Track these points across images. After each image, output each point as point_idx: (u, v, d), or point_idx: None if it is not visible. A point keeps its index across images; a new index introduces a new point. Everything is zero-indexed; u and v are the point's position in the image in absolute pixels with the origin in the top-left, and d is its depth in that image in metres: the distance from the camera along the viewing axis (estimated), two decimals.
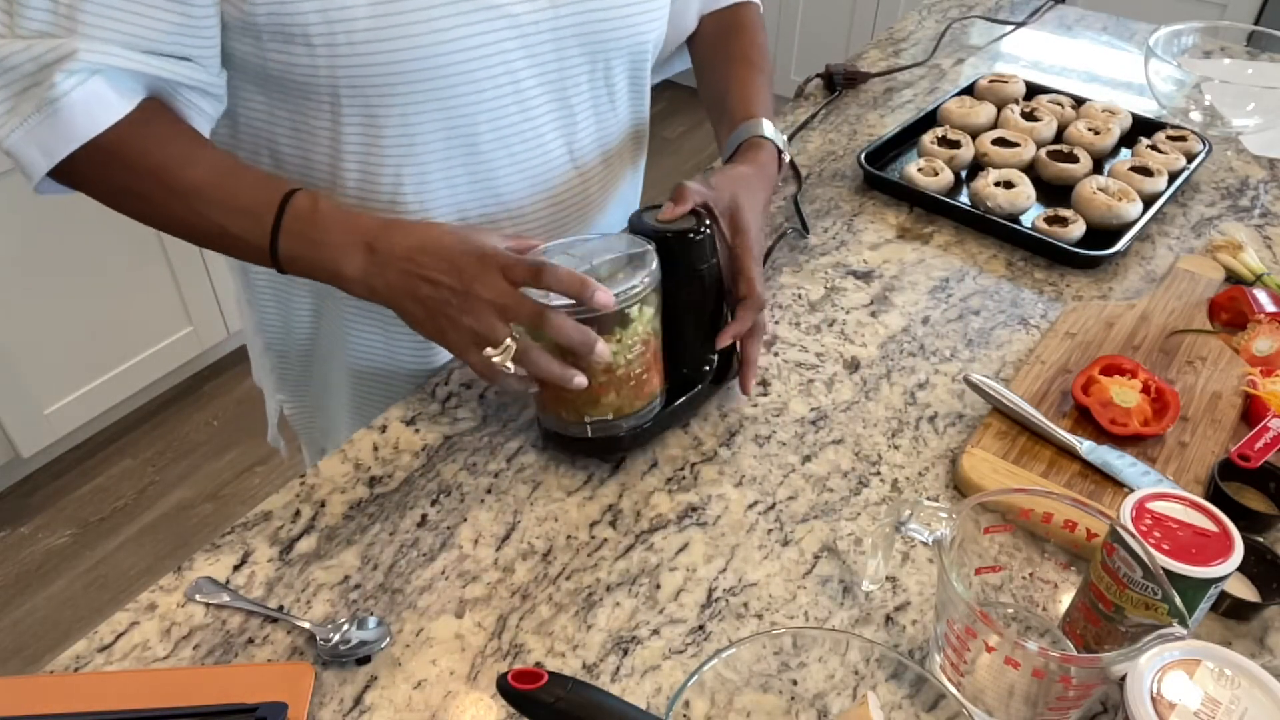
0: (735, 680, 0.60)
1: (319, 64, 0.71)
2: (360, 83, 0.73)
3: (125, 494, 2.14)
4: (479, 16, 0.74)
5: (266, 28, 0.70)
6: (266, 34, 0.70)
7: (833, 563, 0.74)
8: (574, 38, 0.82)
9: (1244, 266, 1.02)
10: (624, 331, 0.73)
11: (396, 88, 0.74)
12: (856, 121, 1.33)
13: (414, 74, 0.74)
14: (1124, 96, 1.40)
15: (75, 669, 0.66)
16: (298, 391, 1.06)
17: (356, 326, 0.93)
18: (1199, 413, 0.85)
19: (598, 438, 0.78)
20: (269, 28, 0.69)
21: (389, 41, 0.71)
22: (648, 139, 1.01)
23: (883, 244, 1.09)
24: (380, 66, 0.72)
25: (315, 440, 1.11)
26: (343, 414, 1.02)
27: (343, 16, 0.69)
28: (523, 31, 0.78)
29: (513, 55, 0.78)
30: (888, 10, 3.03)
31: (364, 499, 0.78)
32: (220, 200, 0.73)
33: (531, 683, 0.55)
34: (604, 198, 0.96)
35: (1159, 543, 0.61)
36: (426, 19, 0.71)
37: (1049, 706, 0.59)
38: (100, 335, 2.07)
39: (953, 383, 0.90)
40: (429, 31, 0.72)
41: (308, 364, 1.01)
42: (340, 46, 0.70)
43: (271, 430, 1.13)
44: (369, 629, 0.67)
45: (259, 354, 1.06)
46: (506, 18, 0.76)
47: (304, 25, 0.69)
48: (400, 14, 0.70)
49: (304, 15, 0.68)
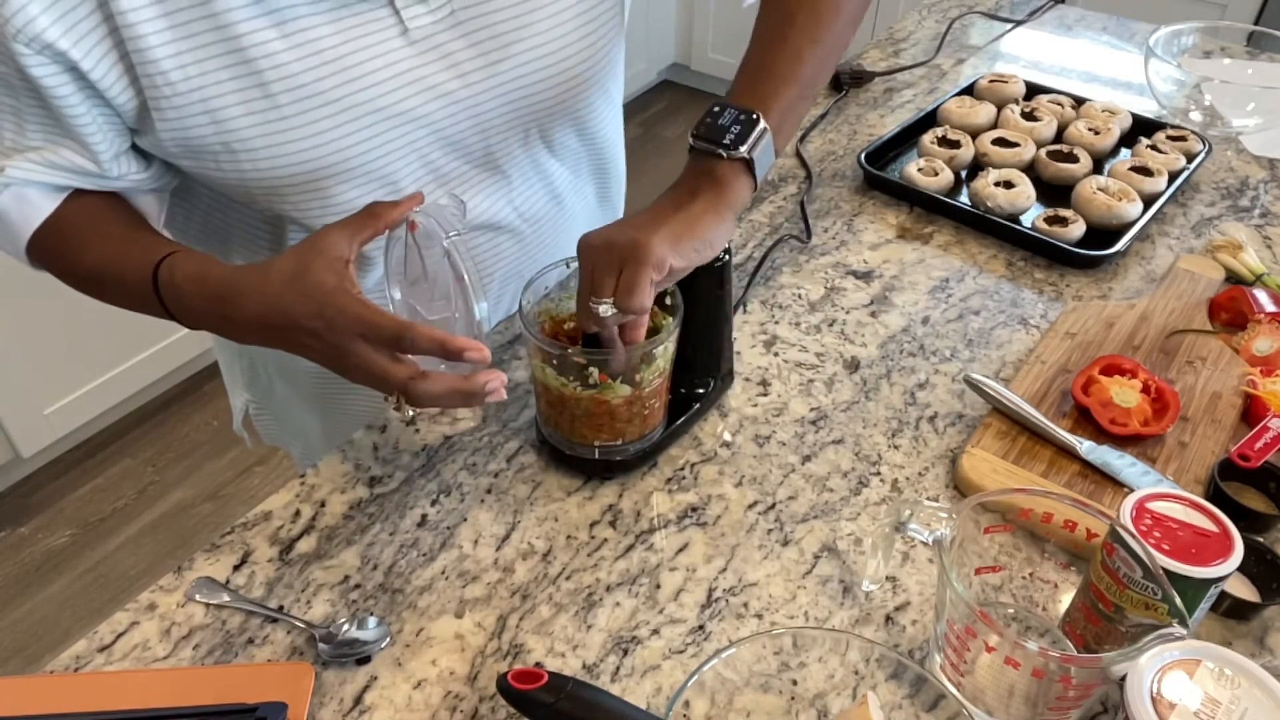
0: (735, 680, 0.60)
1: (228, 174, 0.72)
2: (269, 187, 0.73)
3: (125, 494, 2.14)
4: (377, 121, 0.72)
5: (178, 154, 0.71)
6: (180, 154, 0.71)
7: (833, 563, 0.74)
8: (501, 119, 0.79)
9: (1244, 266, 1.02)
10: (647, 369, 0.73)
11: (305, 190, 0.73)
12: (856, 121, 1.33)
13: (318, 178, 0.73)
14: (1124, 96, 1.40)
15: (75, 669, 0.66)
16: (266, 398, 1.07)
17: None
18: (1199, 413, 0.85)
19: (603, 459, 0.79)
20: (179, 153, 0.70)
21: (283, 154, 0.70)
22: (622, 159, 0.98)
23: (883, 244, 1.09)
24: (282, 174, 0.72)
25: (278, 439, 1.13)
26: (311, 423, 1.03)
27: (235, 136, 0.69)
28: (436, 128, 0.75)
29: (428, 150, 0.76)
30: (888, 10, 3.03)
31: (364, 499, 0.78)
32: (112, 279, 0.74)
33: (531, 683, 0.55)
34: (567, 228, 0.94)
35: (1159, 543, 0.61)
36: (317, 133, 0.70)
37: (1049, 706, 0.59)
38: (100, 335, 2.07)
39: (953, 383, 0.90)
40: (324, 143, 0.71)
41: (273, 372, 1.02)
42: (242, 160, 0.70)
43: (237, 421, 1.14)
44: (369, 629, 0.67)
45: (232, 357, 1.07)
46: (413, 120, 0.74)
47: (205, 144, 0.69)
48: (286, 130, 0.69)
49: (203, 138, 0.69)
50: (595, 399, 0.73)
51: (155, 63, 0.64)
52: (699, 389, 0.84)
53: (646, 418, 0.77)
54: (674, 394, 0.81)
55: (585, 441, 0.77)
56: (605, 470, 0.79)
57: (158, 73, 0.65)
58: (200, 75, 0.66)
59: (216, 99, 0.67)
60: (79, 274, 0.76)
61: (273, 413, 1.09)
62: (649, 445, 0.79)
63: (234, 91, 0.67)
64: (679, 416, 0.82)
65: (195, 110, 0.67)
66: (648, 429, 0.78)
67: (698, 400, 0.84)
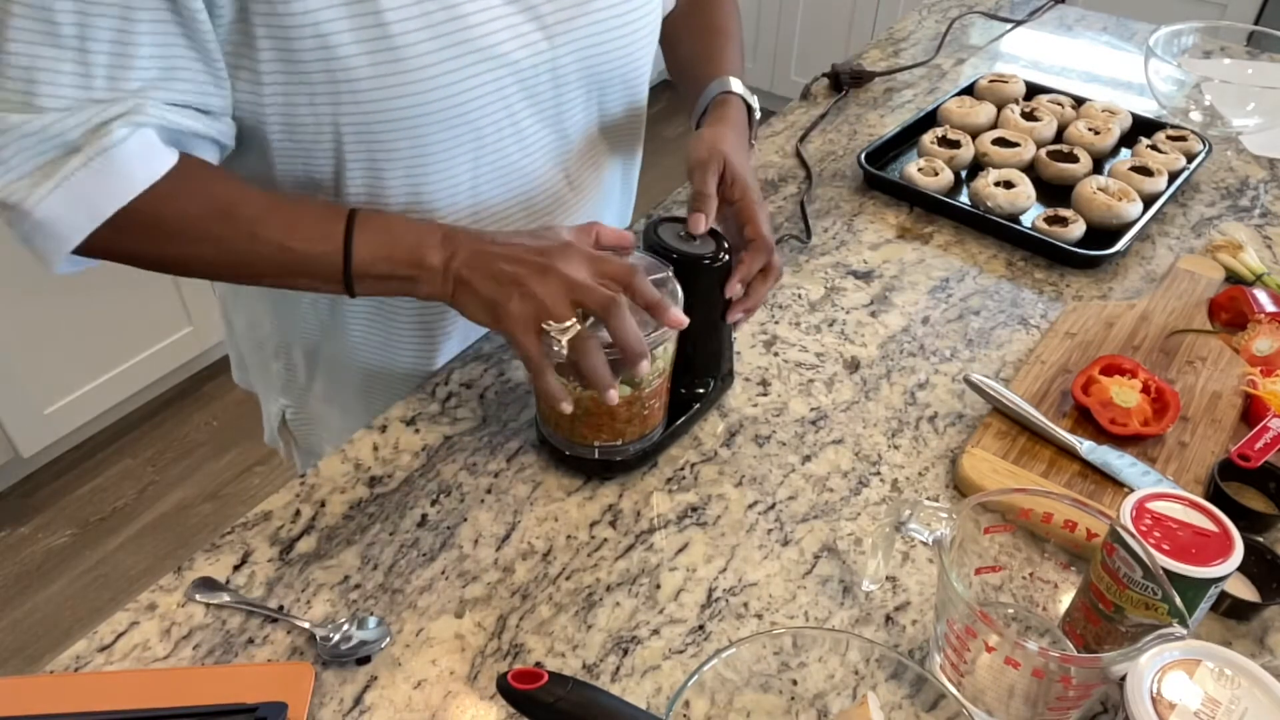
0: (735, 680, 0.60)
1: (320, 110, 0.72)
2: (361, 128, 0.73)
3: (125, 494, 2.14)
4: (476, 62, 0.74)
5: (274, 83, 0.70)
6: (276, 83, 0.70)
7: (833, 563, 0.74)
8: (573, 74, 0.83)
9: (1244, 266, 1.02)
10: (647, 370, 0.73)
11: (398, 133, 0.74)
12: (856, 121, 1.33)
13: (415, 120, 0.74)
14: (1124, 96, 1.40)
15: (75, 669, 0.66)
16: (303, 398, 1.06)
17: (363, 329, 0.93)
18: (1199, 413, 0.85)
19: (602, 459, 0.79)
20: (275, 82, 0.70)
21: (389, 89, 0.71)
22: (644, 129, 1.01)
23: (883, 244, 1.09)
24: (381, 114, 0.72)
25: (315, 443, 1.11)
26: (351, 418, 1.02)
27: (342, 65, 0.69)
28: (521, 75, 0.78)
29: (512, 98, 0.79)
30: (888, 10, 3.03)
31: (364, 499, 0.78)
32: (285, 225, 0.72)
33: (531, 683, 0.55)
34: (597, 205, 0.97)
35: (1159, 543, 0.61)
36: (423, 67, 0.71)
37: (1049, 706, 0.59)
38: (100, 335, 2.07)
39: (953, 383, 0.90)
40: (428, 79, 0.72)
41: (313, 370, 1.01)
42: (343, 93, 0.71)
43: (269, 432, 1.13)
44: (369, 629, 0.67)
45: (268, 358, 1.05)
46: (505, 65, 0.76)
47: (308, 74, 0.69)
48: (398, 63, 0.70)
49: (308, 65, 0.69)
50: (595, 399, 0.73)
51: None
52: (699, 389, 0.84)
53: (646, 418, 0.77)
54: (674, 394, 0.81)
55: (585, 441, 0.77)
56: (605, 470, 0.79)
57: None
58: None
59: (329, 23, 0.67)
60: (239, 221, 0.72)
61: (310, 414, 1.08)
62: (649, 445, 0.79)
63: (347, 18, 0.67)
64: (679, 416, 0.82)
65: (306, 35, 0.67)
66: (647, 429, 0.78)
67: (698, 400, 0.84)
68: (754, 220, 0.79)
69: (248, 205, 0.72)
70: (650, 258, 0.75)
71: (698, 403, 0.83)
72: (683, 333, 0.75)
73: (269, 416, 1.11)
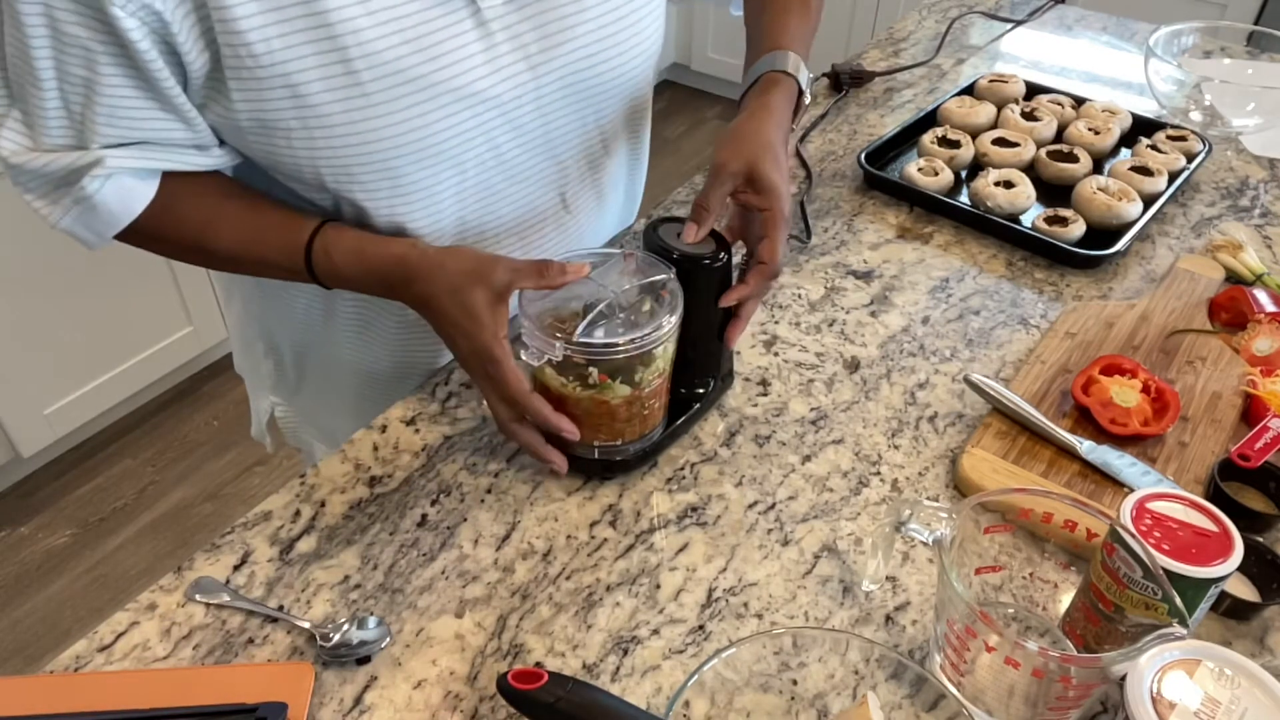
0: (735, 680, 0.60)
1: (298, 153, 0.72)
2: (340, 167, 0.73)
3: (125, 494, 2.14)
4: (451, 101, 0.73)
5: (248, 128, 0.71)
6: (250, 129, 0.71)
7: (833, 563, 0.74)
8: (558, 99, 0.81)
9: (1244, 266, 1.02)
10: (646, 370, 0.73)
11: (377, 169, 0.74)
12: (856, 121, 1.33)
13: (391, 161, 0.74)
14: (1124, 96, 1.40)
15: (75, 669, 0.66)
16: (293, 396, 1.06)
17: (353, 332, 0.93)
18: (1199, 413, 0.85)
19: (602, 459, 0.79)
20: (250, 128, 0.71)
21: (360, 132, 0.71)
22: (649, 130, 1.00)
23: (883, 244, 1.09)
24: (357, 152, 0.72)
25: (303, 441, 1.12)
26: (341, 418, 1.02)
27: (313, 112, 0.69)
28: (503, 109, 0.77)
29: (494, 131, 0.78)
30: (888, 10, 3.03)
31: (364, 499, 0.78)
32: (256, 260, 0.80)
33: (531, 683, 0.55)
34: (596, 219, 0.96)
35: (1159, 543, 0.61)
36: (396, 111, 0.71)
37: (1049, 706, 0.59)
38: (100, 335, 2.07)
39: (953, 383, 0.90)
40: (400, 121, 0.72)
41: (302, 371, 1.02)
42: (317, 138, 0.71)
43: (257, 426, 1.13)
44: (369, 629, 0.67)
45: (258, 358, 1.06)
46: (484, 100, 0.75)
47: (280, 120, 0.70)
48: (366, 108, 0.70)
49: (280, 113, 0.69)
50: (595, 399, 0.73)
51: (240, 34, 0.64)
52: (699, 389, 0.84)
53: (646, 418, 0.77)
54: (674, 394, 0.81)
55: (585, 441, 0.77)
56: (605, 470, 0.79)
57: (241, 44, 0.64)
58: (284, 49, 0.66)
59: (298, 74, 0.67)
60: (208, 253, 0.80)
61: (299, 411, 1.08)
62: (649, 445, 0.79)
63: (316, 67, 0.67)
64: (679, 416, 0.82)
65: (275, 84, 0.67)
66: (647, 429, 0.78)
67: (698, 400, 0.84)
68: (772, 240, 0.76)
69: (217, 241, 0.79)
70: (650, 258, 0.75)
71: (697, 403, 0.83)
72: (683, 333, 0.75)
73: (258, 412, 1.12)
